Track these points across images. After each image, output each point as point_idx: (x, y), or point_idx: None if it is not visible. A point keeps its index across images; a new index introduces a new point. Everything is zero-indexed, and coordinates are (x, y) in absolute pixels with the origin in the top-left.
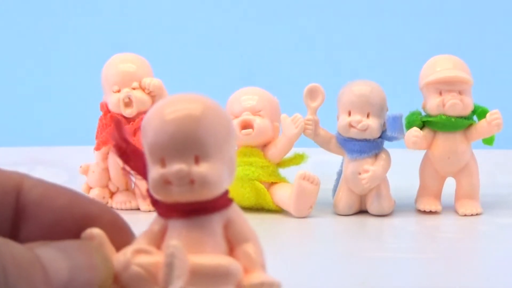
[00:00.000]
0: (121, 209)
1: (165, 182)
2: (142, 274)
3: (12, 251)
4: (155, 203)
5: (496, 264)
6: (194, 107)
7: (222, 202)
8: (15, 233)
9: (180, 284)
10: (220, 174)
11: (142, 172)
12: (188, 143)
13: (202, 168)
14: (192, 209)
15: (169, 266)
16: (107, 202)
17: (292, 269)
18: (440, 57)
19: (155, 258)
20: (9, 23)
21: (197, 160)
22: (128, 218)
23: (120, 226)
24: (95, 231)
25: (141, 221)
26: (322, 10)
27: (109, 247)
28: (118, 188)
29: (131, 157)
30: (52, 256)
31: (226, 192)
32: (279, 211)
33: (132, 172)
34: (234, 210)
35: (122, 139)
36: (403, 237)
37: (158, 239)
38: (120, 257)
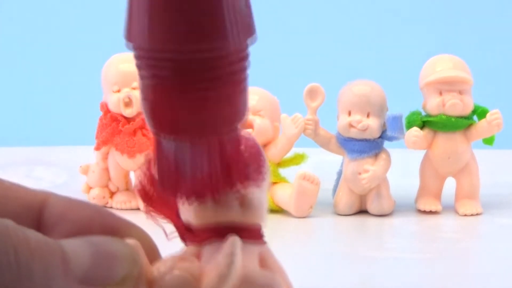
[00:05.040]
0: (121, 209)
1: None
2: (186, 278)
3: (26, 234)
4: (186, 234)
5: (496, 264)
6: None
7: (260, 234)
8: None
9: (235, 281)
10: (264, 203)
11: (169, 213)
12: None
13: (250, 192)
14: (232, 230)
15: (230, 256)
16: (107, 202)
17: (292, 269)
18: (440, 57)
19: (199, 266)
20: (9, 23)
21: (246, 184)
22: (128, 218)
23: (147, 243)
24: (130, 240)
25: (141, 221)
26: (322, 10)
27: (143, 255)
28: (118, 188)
29: (157, 197)
30: (74, 243)
31: (262, 231)
32: (279, 211)
33: (156, 214)
34: (268, 249)
35: (149, 178)
36: (403, 237)
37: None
38: (160, 265)
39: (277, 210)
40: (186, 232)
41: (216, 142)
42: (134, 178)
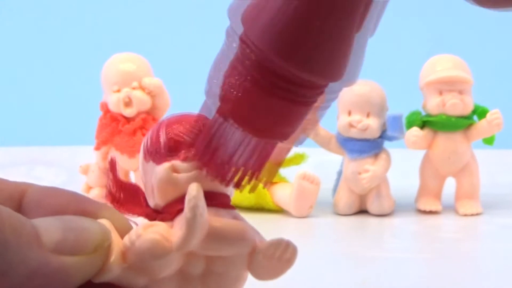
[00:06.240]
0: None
1: (173, 171)
2: (155, 238)
3: None
4: (157, 215)
5: (496, 264)
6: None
7: (227, 201)
8: None
9: (205, 225)
10: None
11: (139, 210)
12: None
13: None
14: None
15: (193, 199)
16: (107, 202)
17: (292, 268)
18: (440, 57)
19: (167, 226)
20: (10, 23)
21: None
22: (128, 217)
23: (122, 223)
24: (101, 220)
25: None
26: None
27: (114, 231)
28: None
29: (125, 199)
30: (45, 220)
31: (230, 199)
32: (279, 211)
33: (126, 213)
34: (238, 214)
35: (114, 182)
36: (403, 237)
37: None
38: (130, 234)
39: (277, 210)
40: (157, 216)
41: (269, 145)
42: (134, 177)
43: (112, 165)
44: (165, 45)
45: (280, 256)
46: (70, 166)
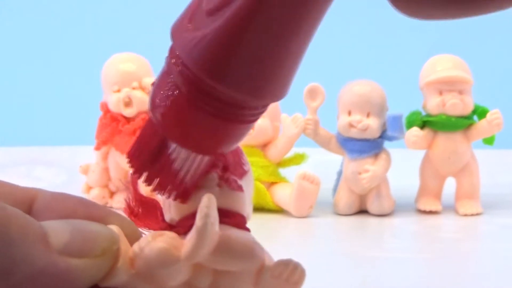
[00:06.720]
0: (121, 209)
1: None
2: (164, 247)
3: (3, 207)
4: (171, 229)
5: (496, 264)
6: None
7: (243, 222)
8: None
9: (215, 236)
10: (249, 193)
11: (155, 225)
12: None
13: (229, 175)
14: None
15: (205, 209)
16: (107, 202)
17: None
18: (440, 57)
19: (177, 236)
20: (9, 23)
21: (224, 171)
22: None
23: (130, 230)
24: (111, 226)
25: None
26: None
27: (123, 236)
28: (118, 188)
29: (143, 214)
30: (54, 222)
31: (246, 220)
32: (279, 211)
33: (143, 228)
34: (251, 236)
35: (135, 196)
36: (403, 237)
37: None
38: (140, 241)
39: (277, 210)
40: (171, 230)
41: (206, 159)
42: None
43: (134, 180)
44: (165, 45)
45: (288, 277)
46: (70, 166)
